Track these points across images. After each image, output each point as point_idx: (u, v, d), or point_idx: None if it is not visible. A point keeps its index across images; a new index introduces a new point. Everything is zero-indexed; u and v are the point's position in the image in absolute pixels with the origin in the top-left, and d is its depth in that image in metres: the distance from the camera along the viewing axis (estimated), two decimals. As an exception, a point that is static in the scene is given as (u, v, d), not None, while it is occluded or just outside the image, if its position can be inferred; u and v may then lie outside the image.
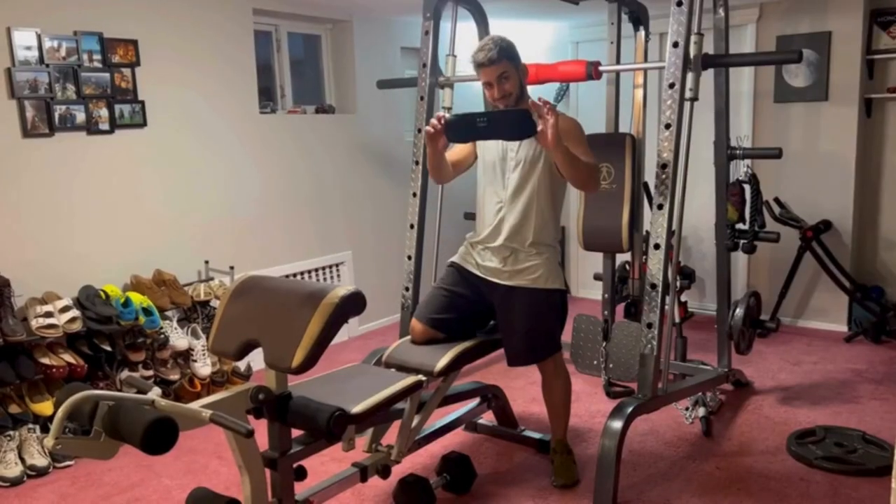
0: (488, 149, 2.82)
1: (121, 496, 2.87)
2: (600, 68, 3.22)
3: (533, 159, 2.71)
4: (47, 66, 3.31)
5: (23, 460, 3.04)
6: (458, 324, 2.84)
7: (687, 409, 3.44)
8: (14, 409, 3.14)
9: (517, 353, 2.83)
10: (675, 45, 2.82)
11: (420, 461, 3.06)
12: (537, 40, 5.69)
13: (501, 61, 2.63)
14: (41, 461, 3.05)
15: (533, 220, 2.74)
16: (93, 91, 3.47)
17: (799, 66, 4.54)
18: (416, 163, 3.65)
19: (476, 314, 2.88)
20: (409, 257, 3.61)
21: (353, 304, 2.06)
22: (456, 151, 2.90)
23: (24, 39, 3.23)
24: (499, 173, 2.78)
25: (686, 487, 2.81)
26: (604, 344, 3.80)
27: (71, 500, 2.86)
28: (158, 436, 1.63)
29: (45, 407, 3.16)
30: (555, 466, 2.91)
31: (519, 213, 2.75)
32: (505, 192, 2.76)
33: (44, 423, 3.16)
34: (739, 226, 3.74)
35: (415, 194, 3.65)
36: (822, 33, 4.47)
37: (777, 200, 4.67)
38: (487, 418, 3.34)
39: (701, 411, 3.33)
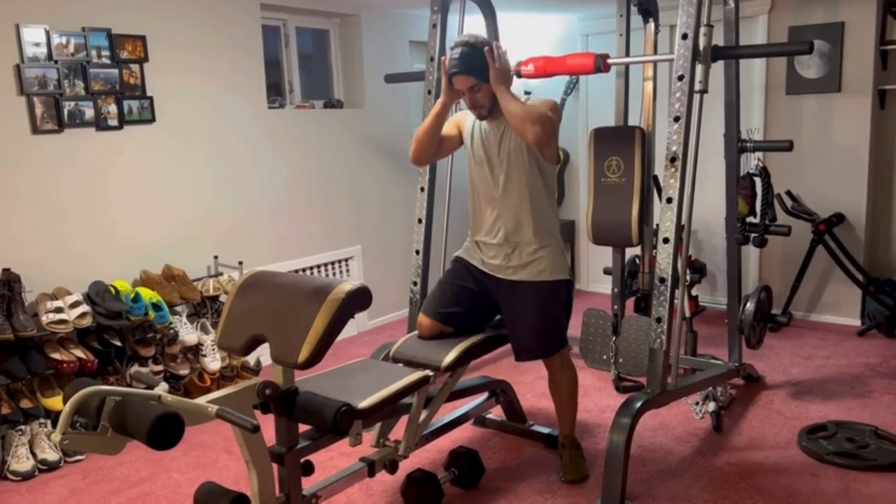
0: (475, 144, 2.79)
1: (131, 490, 2.89)
2: (609, 61, 3.19)
3: (517, 152, 2.69)
4: (56, 62, 3.32)
5: (34, 455, 3.06)
6: (465, 318, 2.83)
7: (697, 403, 3.42)
8: (25, 403, 3.17)
9: (524, 347, 2.82)
10: (685, 36, 2.80)
11: (428, 456, 3.06)
12: (546, 33, 5.66)
13: (467, 76, 2.61)
14: (52, 455, 3.08)
15: (529, 214, 2.72)
16: (101, 87, 3.48)
17: (811, 58, 4.50)
18: (424, 157, 3.64)
19: (483, 308, 2.87)
20: (418, 252, 3.60)
21: (359, 300, 2.06)
22: (443, 129, 2.86)
23: (33, 36, 3.24)
24: (487, 171, 2.76)
25: (696, 482, 2.80)
26: (613, 338, 3.78)
27: (82, 494, 2.88)
28: (164, 431, 1.63)
29: (55, 402, 3.18)
30: (563, 462, 2.90)
31: (514, 209, 2.74)
32: (496, 189, 2.75)
33: (55, 417, 3.18)
34: (750, 219, 3.71)
35: (423, 189, 3.64)
36: (835, 24, 4.42)
37: (789, 193, 4.63)
38: (496, 413, 3.33)
39: (711, 406, 3.31)
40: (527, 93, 5.64)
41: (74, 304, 3.23)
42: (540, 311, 2.76)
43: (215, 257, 4.02)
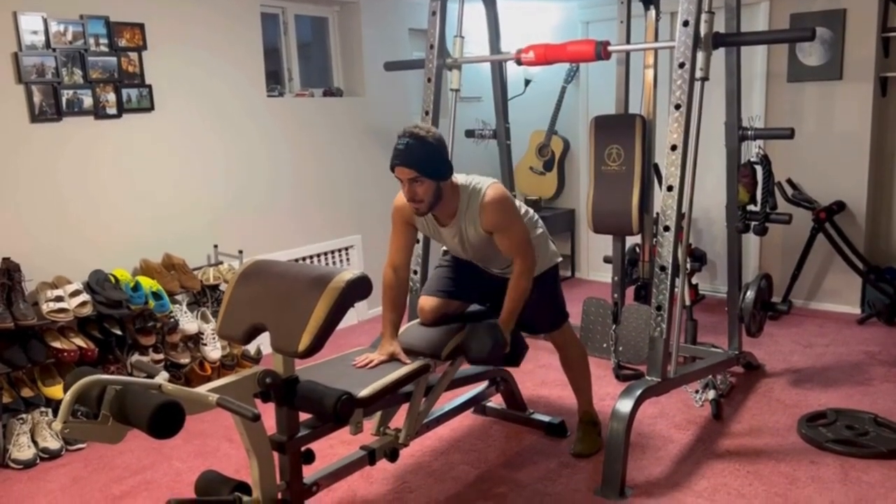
0: (434, 237, 2.76)
1: (132, 479, 2.90)
2: (609, 48, 3.18)
3: (480, 241, 2.61)
4: (54, 50, 3.30)
5: (35, 443, 3.07)
6: (467, 288, 2.84)
7: (697, 391, 3.42)
8: (26, 392, 3.17)
9: (534, 326, 2.89)
10: (686, 23, 2.79)
11: (429, 444, 3.07)
12: (546, 20, 5.63)
13: (409, 168, 2.41)
14: (54, 444, 3.09)
15: (502, 255, 2.68)
16: (100, 75, 3.47)
17: (812, 45, 4.47)
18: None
19: (485, 279, 2.87)
20: (418, 241, 3.59)
21: (359, 289, 2.06)
22: (400, 244, 2.71)
23: (31, 24, 3.22)
24: (460, 252, 2.76)
25: (695, 470, 2.81)
26: (613, 327, 3.78)
27: (83, 482, 2.89)
28: (165, 420, 1.63)
29: (57, 390, 3.19)
30: (577, 436, 2.99)
31: (488, 259, 2.76)
32: (467, 256, 2.77)
33: (56, 406, 3.19)
34: (751, 207, 3.70)
35: (423, 177, 3.63)
36: (837, 10, 4.39)
37: (790, 181, 4.62)
38: (496, 401, 3.34)
39: (711, 394, 3.32)
40: (527, 81, 5.65)
41: (74, 293, 3.23)
42: (540, 297, 2.78)
43: (215, 246, 4.02)
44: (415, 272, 3.59)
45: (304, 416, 2.21)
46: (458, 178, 2.58)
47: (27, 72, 3.22)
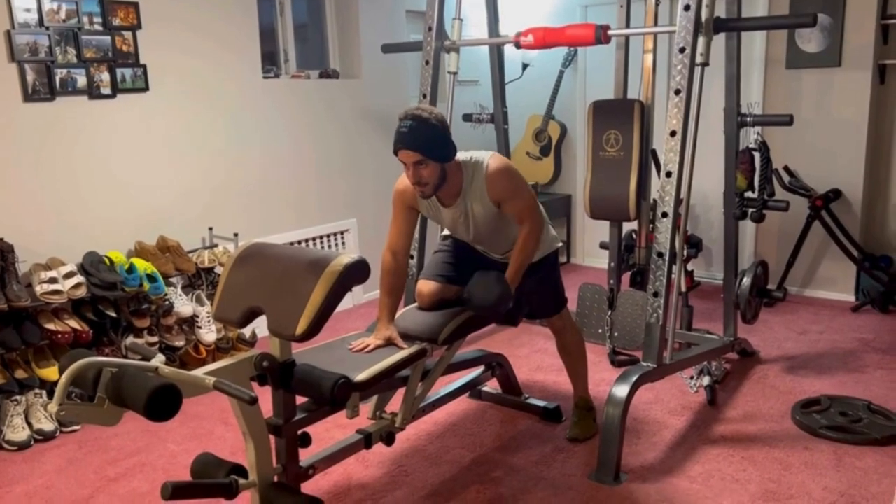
0: (435, 219, 2.74)
1: (127, 461, 2.89)
2: (609, 32, 3.16)
3: (484, 219, 2.61)
4: (47, 28, 3.26)
5: (30, 425, 3.06)
6: (465, 267, 2.81)
7: (692, 378, 3.43)
8: (20, 374, 3.16)
9: (534, 312, 2.91)
10: (687, 7, 2.77)
11: (425, 428, 3.07)
12: (545, 3, 5.58)
13: (414, 151, 2.38)
14: (48, 426, 3.08)
15: (505, 235, 2.68)
16: (94, 55, 3.42)
17: (812, 31, 4.45)
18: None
19: (481, 263, 2.86)
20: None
21: (357, 273, 2.04)
22: (401, 228, 2.69)
23: (24, 1, 3.18)
24: (462, 233, 2.74)
25: (690, 455, 2.82)
26: (609, 312, 3.79)
27: (78, 464, 2.88)
28: (161, 403, 1.62)
29: (51, 372, 3.17)
30: (572, 422, 3.00)
31: (490, 243, 2.76)
32: (469, 238, 2.76)
33: (50, 388, 3.18)
34: (748, 194, 3.70)
35: (420, 161, 3.61)
36: (837, -3, 4.37)
37: (787, 169, 4.61)
38: (492, 386, 3.34)
39: (706, 380, 3.33)
40: (525, 65, 5.61)
41: (69, 275, 3.21)
42: (541, 282, 2.79)
43: (210, 229, 3.99)
44: (411, 257, 3.58)
45: (300, 400, 2.20)
46: (458, 155, 2.57)
47: (20, 50, 3.18)
